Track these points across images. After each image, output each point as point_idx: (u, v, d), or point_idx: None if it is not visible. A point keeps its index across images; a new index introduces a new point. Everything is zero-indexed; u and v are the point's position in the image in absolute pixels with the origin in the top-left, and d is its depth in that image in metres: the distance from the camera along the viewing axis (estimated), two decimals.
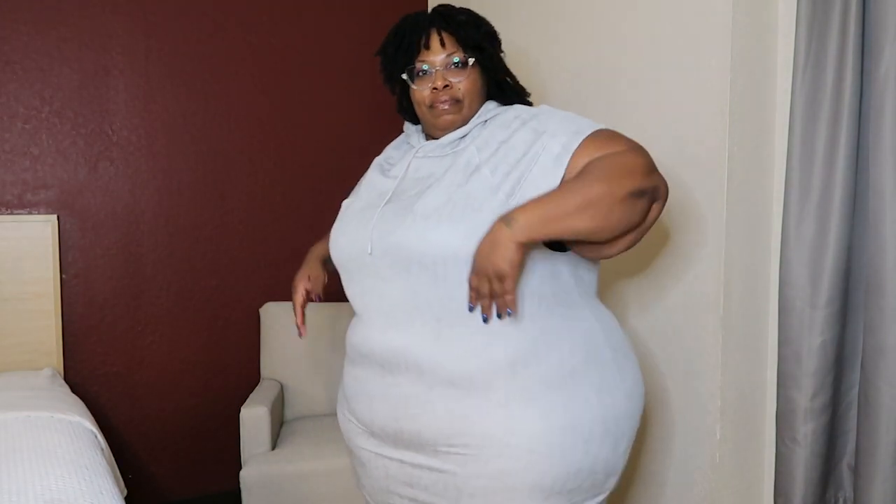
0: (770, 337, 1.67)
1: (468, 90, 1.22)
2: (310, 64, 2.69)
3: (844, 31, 1.44)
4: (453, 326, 1.09)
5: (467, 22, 1.24)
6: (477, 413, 1.09)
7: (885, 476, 1.39)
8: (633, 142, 1.12)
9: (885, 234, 1.36)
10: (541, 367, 1.09)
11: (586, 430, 1.09)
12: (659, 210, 1.10)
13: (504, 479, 1.08)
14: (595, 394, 1.11)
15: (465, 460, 1.10)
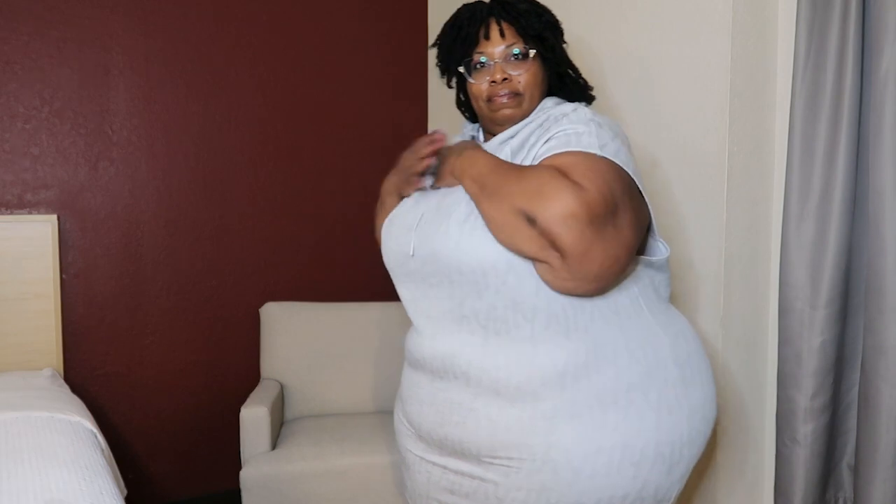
0: (770, 337, 1.67)
1: (528, 83, 1.17)
2: (310, 64, 2.69)
3: (844, 31, 1.44)
4: (500, 334, 1.06)
5: (528, 11, 1.18)
6: (520, 425, 1.04)
7: (885, 476, 1.39)
8: (592, 187, 0.97)
9: (885, 234, 1.36)
10: (592, 380, 1.02)
11: (637, 453, 1.02)
12: (550, 274, 0.99)
13: (545, 494, 1.04)
14: (653, 413, 1.03)
15: (508, 472, 1.06)
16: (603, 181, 0.98)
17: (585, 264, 0.96)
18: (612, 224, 0.97)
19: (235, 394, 2.55)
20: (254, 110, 2.60)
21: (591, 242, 0.95)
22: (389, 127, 2.83)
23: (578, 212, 0.94)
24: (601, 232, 0.95)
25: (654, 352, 1.07)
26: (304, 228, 2.71)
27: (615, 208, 0.98)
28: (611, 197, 0.98)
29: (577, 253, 0.95)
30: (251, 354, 2.60)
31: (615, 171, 1.02)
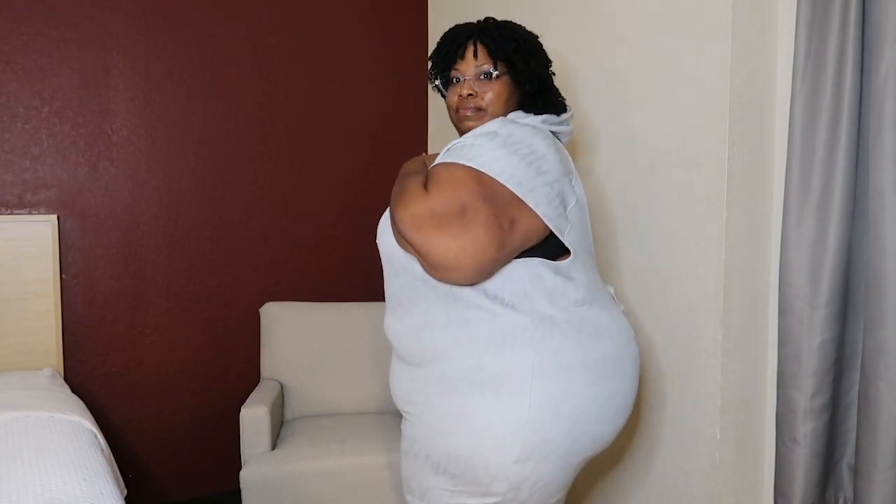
0: (770, 337, 1.67)
1: (492, 100, 1.34)
2: (310, 63, 2.69)
3: (844, 31, 1.44)
4: (406, 312, 1.30)
5: (504, 36, 1.34)
6: (413, 386, 1.31)
7: (885, 476, 1.39)
8: (437, 195, 1.13)
9: (885, 234, 1.36)
10: (440, 365, 1.25)
11: (475, 420, 1.21)
12: (421, 265, 1.19)
13: (419, 444, 1.31)
14: (493, 393, 1.20)
15: (406, 423, 1.36)
16: (452, 188, 1.13)
17: (432, 255, 1.12)
18: (458, 223, 1.11)
19: (235, 394, 2.55)
20: (254, 110, 2.60)
21: (431, 236, 1.11)
22: (390, 127, 2.83)
23: (419, 212, 1.12)
24: (442, 229, 1.10)
25: (513, 341, 1.20)
26: (304, 228, 2.71)
27: (462, 210, 1.11)
28: (456, 200, 1.12)
29: (421, 246, 1.12)
30: (251, 354, 2.61)
31: (473, 178, 1.15)
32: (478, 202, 1.13)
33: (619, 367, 1.27)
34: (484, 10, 2.41)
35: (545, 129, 1.33)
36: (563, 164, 1.27)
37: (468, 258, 1.12)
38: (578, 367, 1.22)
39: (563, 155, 1.30)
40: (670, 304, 1.72)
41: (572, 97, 2.00)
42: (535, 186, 1.19)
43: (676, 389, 1.72)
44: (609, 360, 1.25)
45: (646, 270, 1.79)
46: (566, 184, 1.27)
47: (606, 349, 1.26)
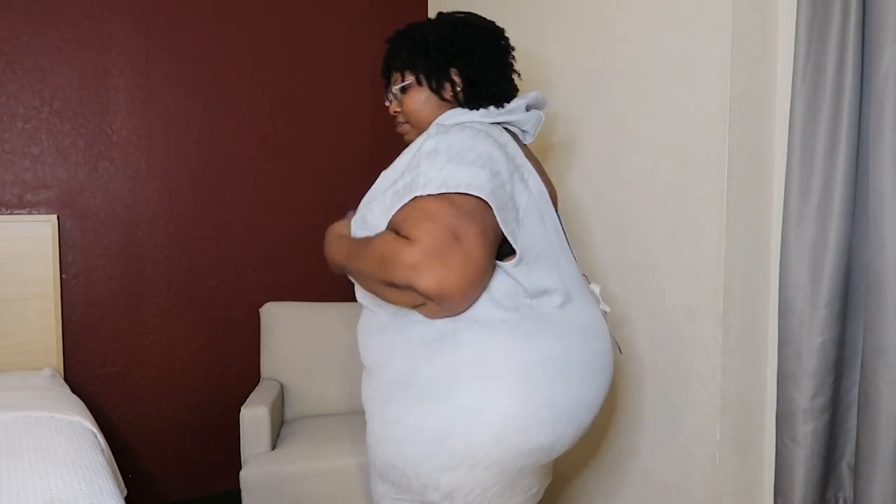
0: (770, 337, 1.67)
1: (409, 111, 1.38)
2: (310, 63, 2.69)
3: (844, 31, 1.44)
4: (365, 322, 1.35)
5: (401, 43, 1.38)
6: (366, 392, 1.33)
7: (885, 476, 1.39)
8: (421, 234, 1.09)
9: (885, 235, 1.36)
10: (381, 372, 1.27)
11: (402, 430, 1.21)
12: (430, 312, 1.17)
13: (369, 451, 1.32)
14: (417, 402, 1.19)
15: (366, 425, 1.36)
16: (431, 221, 1.09)
17: (449, 297, 1.09)
18: (458, 249, 1.08)
19: (235, 394, 2.55)
20: (254, 110, 2.60)
21: (443, 278, 1.07)
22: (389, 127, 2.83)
23: (419, 260, 1.07)
24: (448, 264, 1.07)
25: (441, 346, 1.18)
26: (304, 228, 2.71)
27: (455, 236, 1.08)
28: (444, 230, 1.08)
29: (438, 293, 1.08)
30: (251, 354, 2.61)
31: (443, 203, 1.11)
32: (462, 223, 1.10)
33: (566, 370, 1.18)
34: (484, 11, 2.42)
35: (486, 124, 1.26)
36: (509, 162, 1.21)
37: (476, 279, 1.11)
38: (507, 370, 1.15)
39: (508, 150, 1.23)
40: (670, 304, 1.72)
41: (573, 97, 2.00)
42: (493, 189, 1.15)
43: (676, 389, 1.72)
44: (552, 362, 1.17)
45: (646, 270, 1.79)
46: (516, 181, 1.21)
47: (551, 350, 1.17)
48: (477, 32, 1.35)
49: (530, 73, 2.16)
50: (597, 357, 1.24)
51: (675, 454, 1.73)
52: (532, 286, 1.19)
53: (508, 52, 1.38)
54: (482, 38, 1.34)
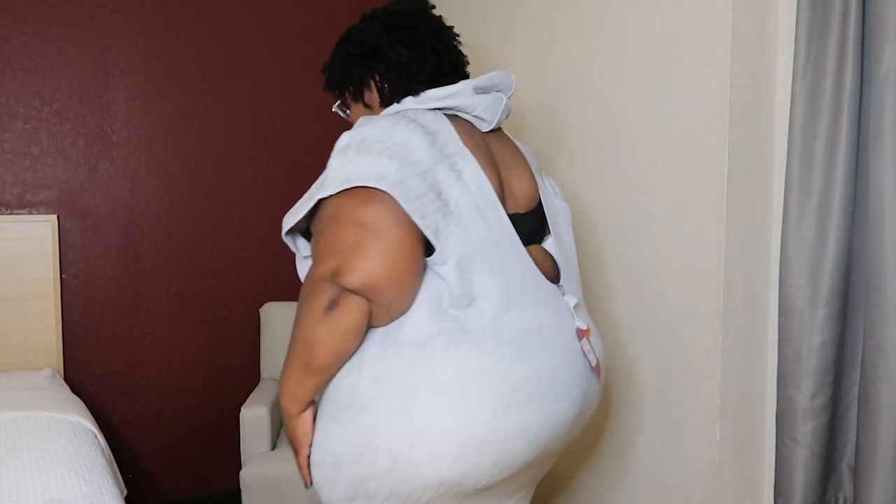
0: (770, 337, 1.67)
1: (356, 119, 1.32)
2: (310, 64, 2.69)
3: (844, 31, 1.44)
4: None
5: (328, 72, 1.36)
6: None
7: (885, 476, 1.39)
8: (330, 241, 1.05)
9: (885, 235, 1.36)
10: (327, 392, 1.15)
11: (319, 453, 1.12)
12: (374, 320, 1.07)
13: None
14: (327, 425, 1.11)
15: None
16: (334, 223, 1.05)
17: (378, 288, 1.02)
18: (372, 239, 1.02)
19: (235, 394, 2.55)
20: (254, 110, 2.60)
21: (366, 269, 1.01)
22: None
23: (337, 263, 1.02)
24: (366, 254, 1.01)
25: (359, 363, 1.09)
26: None
27: (364, 226, 1.03)
28: (350, 226, 1.03)
29: (365, 284, 1.01)
30: (251, 354, 2.61)
31: (342, 199, 1.06)
32: (370, 214, 1.04)
33: (477, 394, 1.03)
34: (483, 13, 2.42)
35: (419, 111, 1.19)
36: (435, 149, 1.10)
37: (407, 269, 1.04)
38: (402, 394, 1.04)
39: (440, 137, 1.13)
40: (670, 304, 1.72)
41: (573, 97, 2.00)
42: (402, 178, 1.04)
43: (676, 389, 1.72)
44: (458, 384, 1.03)
45: (646, 270, 1.79)
46: (443, 171, 1.10)
47: (460, 371, 1.04)
48: (386, 24, 1.27)
49: (528, 73, 2.16)
50: (546, 376, 1.09)
51: (675, 454, 1.73)
52: (461, 291, 1.07)
53: (434, 31, 1.28)
54: (393, 27, 1.27)
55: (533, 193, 1.29)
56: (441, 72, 1.27)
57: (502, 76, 1.29)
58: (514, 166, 1.27)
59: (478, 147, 1.19)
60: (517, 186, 1.26)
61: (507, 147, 1.31)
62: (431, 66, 1.26)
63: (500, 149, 1.27)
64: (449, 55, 1.29)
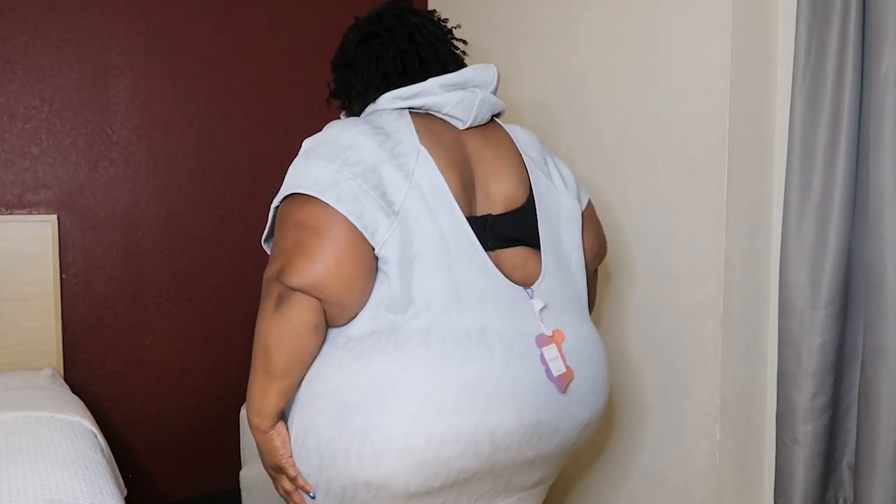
0: (770, 337, 1.67)
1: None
2: (310, 64, 2.69)
3: (844, 31, 1.44)
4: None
5: (328, 85, 1.43)
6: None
7: (885, 476, 1.39)
8: (276, 246, 1.13)
9: (885, 235, 1.36)
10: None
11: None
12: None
13: None
14: (310, 412, 1.11)
15: None
16: (281, 229, 1.13)
17: (320, 285, 1.05)
18: (312, 239, 1.06)
19: (235, 394, 2.55)
20: (254, 110, 2.60)
21: (307, 268, 1.04)
22: None
23: (282, 264, 1.07)
24: (308, 253, 1.05)
25: (315, 379, 1.12)
26: None
27: (304, 228, 1.08)
28: (293, 229, 1.10)
29: (308, 282, 1.05)
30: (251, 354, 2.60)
31: (287, 205, 1.15)
32: (309, 215, 1.09)
33: (394, 397, 1.04)
34: (483, 12, 2.42)
35: (387, 110, 1.22)
36: (383, 149, 1.11)
37: (349, 267, 1.07)
38: (327, 394, 1.08)
39: (390, 138, 1.14)
40: (670, 304, 1.72)
41: (573, 97, 2.00)
42: (337, 181, 1.08)
43: (676, 389, 1.72)
44: (376, 386, 1.05)
45: (645, 270, 1.79)
46: (390, 171, 1.10)
47: (381, 373, 1.05)
48: (361, 32, 1.31)
49: (529, 74, 2.16)
50: (475, 382, 1.07)
51: (675, 454, 1.73)
52: (400, 292, 1.08)
53: (400, 31, 1.28)
54: (365, 34, 1.30)
55: (515, 194, 1.24)
56: (406, 70, 1.27)
57: (477, 71, 1.26)
58: (496, 165, 1.24)
59: (442, 146, 1.18)
60: (494, 187, 1.23)
61: (492, 145, 1.27)
62: (394, 67, 1.27)
63: (479, 146, 1.25)
64: (420, 52, 1.28)
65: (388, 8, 1.32)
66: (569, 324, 1.21)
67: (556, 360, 1.15)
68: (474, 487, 1.15)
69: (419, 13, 1.32)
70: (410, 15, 1.31)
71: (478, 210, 1.20)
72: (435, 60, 1.28)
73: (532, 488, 1.30)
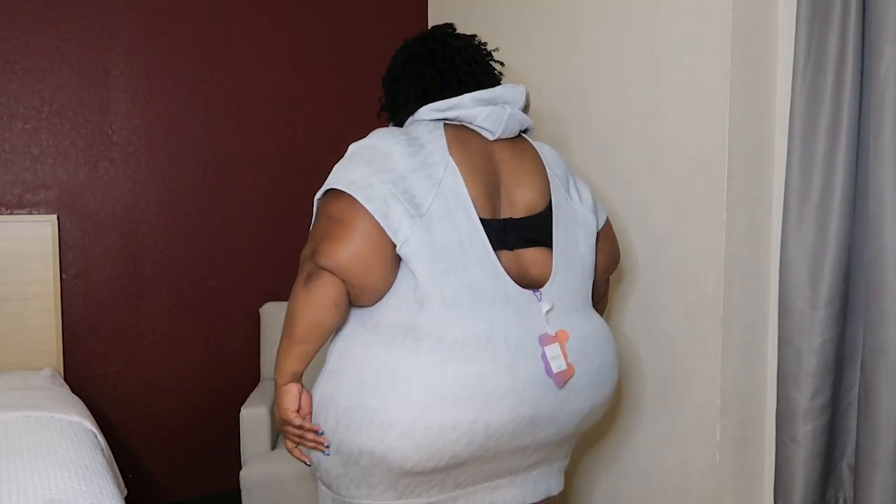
0: (770, 337, 1.67)
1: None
2: (310, 64, 2.69)
3: (844, 31, 1.44)
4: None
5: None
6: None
7: (885, 476, 1.39)
8: (312, 233, 1.28)
9: (885, 235, 1.36)
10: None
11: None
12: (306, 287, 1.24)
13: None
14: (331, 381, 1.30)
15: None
16: (316, 220, 1.30)
17: (344, 267, 1.20)
18: (340, 228, 1.21)
19: (235, 394, 2.55)
20: (254, 110, 2.60)
21: (333, 251, 1.20)
22: None
23: (314, 248, 1.23)
24: (334, 239, 1.21)
25: (329, 341, 1.33)
26: (304, 228, 2.71)
27: (334, 219, 1.23)
28: (325, 220, 1.25)
29: (334, 263, 1.20)
30: (251, 354, 2.61)
31: (324, 200, 1.30)
32: (340, 208, 1.23)
33: (391, 381, 1.20)
34: (483, 12, 2.42)
35: (424, 121, 1.35)
36: (414, 158, 1.25)
37: (372, 253, 1.21)
38: (348, 371, 1.27)
39: (428, 147, 1.27)
40: (670, 304, 1.72)
41: (573, 97, 2.00)
42: (370, 183, 1.22)
43: (676, 389, 1.72)
44: (379, 370, 1.22)
45: (646, 270, 1.79)
46: (420, 178, 1.24)
47: (404, 361, 1.21)
48: (407, 53, 1.44)
49: (530, 75, 2.16)
50: (475, 380, 1.19)
51: (675, 454, 1.73)
52: (422, 288, 1.21)
53: (440, 53, 1.41)
54: (409, 56, 1.44)
55: (536, 201, 1.36)
56: (445, 87, 1.40)
57: (507, 89, 1.39)
58: (521, 174, 1.36)
59: (470, 155, 1.31)
60: (518, 193, 1.35)
61: (519, 156, 1.39)
62: (433, 84, 1.40)
63: (507, 157, 1.37)
64: (459, 72, 1.40)
65: (433, 33, 1.45)
66: (575, 322, 1.33)
67: (557, 358, 1.26)
68: (463, 471, 1.27)
69: (461, 37, 1.45)
70: (452, 39, 1.44)
71: (501, 213, 1.33)
72: (471, 80, 1.41)
73: (527, 471, 1.40)
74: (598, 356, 1.34)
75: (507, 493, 1.38)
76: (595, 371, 1.33)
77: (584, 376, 1.30)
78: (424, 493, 1.29)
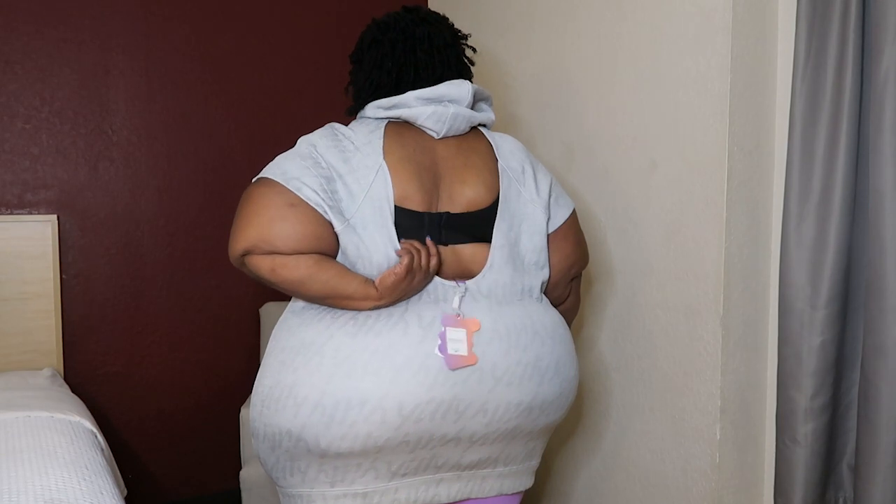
0: (770, 337, 1.67)
1: None
2: (310, 64, 2.69)
3: (844, 31, 1.44)
4: None
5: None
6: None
7: (885, 476, 1.39)
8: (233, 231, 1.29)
9: (885, 235, 1.36)
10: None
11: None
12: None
13: None
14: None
15: None
16: (240, 211, 1.27)
17: (252, 246, 1.22)
18: (254, 213, 1.23)
19: (235, 394, 2.55)
20: (254, 110, 2.60)
21: (243, 233, 1.22)
22: None
23: (231, 232, 1.25)
24: (251, 222, 1.22)
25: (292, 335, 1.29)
26: None
27: (254, 203, 1.24)
28: (244, 204, 1.26)
29: (243, 246, 1.22)
30: (251, 354, 2.61)
31: (253, 188, 1.29)
32: (261, 194, 1.25)
33: (315, 359, 1.24)
34: (482, 11, 2.42)
35: (367, 119, 1.38)
36: (346, 164, 1.29)
37: (285, 232, 1.22)
38: (276, 351, 1.30)
39: (350, 143, 1.32)
40: (670, 304, 1.72)
41: (573, 97, 2.00)
42: (300, 175, 1.25)
43: (676, 389, 1.72)
44: (305, 348, 1.25)
45: (645, 270, 1.79)
46: (349, 182, 1.28)
47: (311, 337, 1.26)
48: (372, 35, 1.45)
49: (530, 74, 2.16)
50: (384, 352, 1.22)
51: (675, 454, 1.73)
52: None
53: (402, 43, 1.40)
54: (373, 40, 1.43)
55: (478, 197, 1.37)
56: (399, 82, 1.39)
57: (451, 87, 1.37)
58: (465, 172, 1.37)
59: (407, 154, 1.33)
60: (458, 190, 1.36)
61: (465, 153, 1.39)
62: (388, 80, 1.40)
63: (452, 154, 1.38)
64: (417, 65, 1.39)
65: (398, 19, 1.43)
66: (504, 313, 1.32)
67: (459, 342, 1.26)
68: (391, 457, 1.26)
69: (427, 22, 1.42)
70: (417, 27, 1.41)
71: (439, 208, 1.34)
72: (429, 74, 1.39)
73: (475, 468, 1.37)
74: (535, 349, 1.32)
75: (452, 487, 1.36)
76: (530, 363, 1.30)
77: (515, 367, 1.29)
78: (359, 480, 1.28)
